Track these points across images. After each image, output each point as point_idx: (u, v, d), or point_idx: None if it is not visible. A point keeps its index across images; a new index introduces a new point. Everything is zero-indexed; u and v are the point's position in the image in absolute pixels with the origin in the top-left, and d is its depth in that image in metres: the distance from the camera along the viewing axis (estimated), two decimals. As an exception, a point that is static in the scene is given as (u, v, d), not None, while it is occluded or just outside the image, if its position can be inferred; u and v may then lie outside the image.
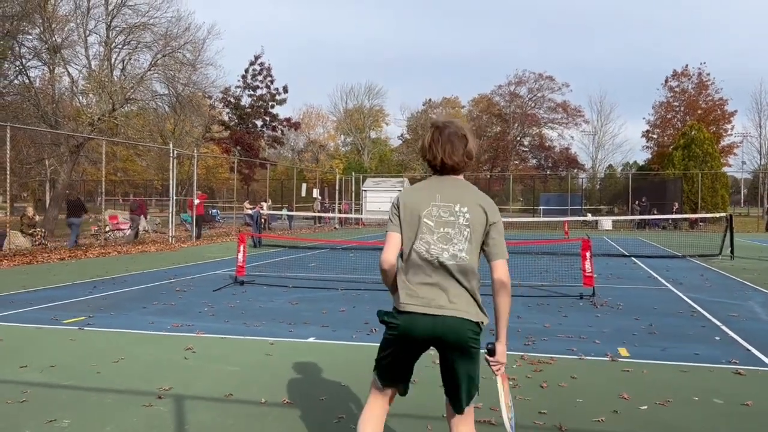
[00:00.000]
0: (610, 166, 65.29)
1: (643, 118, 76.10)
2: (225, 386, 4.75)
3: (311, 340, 6.42)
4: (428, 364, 5.48)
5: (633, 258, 15.88)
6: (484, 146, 66.97)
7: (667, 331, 6.89)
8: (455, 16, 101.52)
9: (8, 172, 14.25)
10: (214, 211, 33.14)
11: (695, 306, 8.56)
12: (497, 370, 2.78)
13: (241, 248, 10.57)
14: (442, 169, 2.73)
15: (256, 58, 39.81)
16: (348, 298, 9.22)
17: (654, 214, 30.94)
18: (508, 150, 65.06)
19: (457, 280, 2.67)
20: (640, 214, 32.26)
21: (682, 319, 7.62)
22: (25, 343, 6.18)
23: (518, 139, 67.12)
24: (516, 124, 65.75)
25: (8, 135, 13.96)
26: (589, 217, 33.38)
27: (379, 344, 2.83)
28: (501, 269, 2.70)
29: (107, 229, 21.21)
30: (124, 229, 22.17)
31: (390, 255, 2.70)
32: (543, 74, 63.43)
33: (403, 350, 2.72)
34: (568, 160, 64.50)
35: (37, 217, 18.53)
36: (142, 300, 8.86)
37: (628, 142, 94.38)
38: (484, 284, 2.73)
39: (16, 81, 24.54)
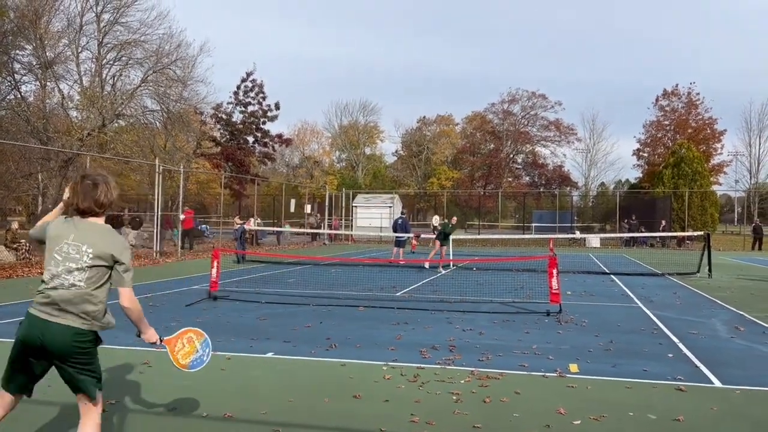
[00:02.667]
0: (602, 183, 65.64)
1: (634, 137, 76.56)
2: (172, 400, 4.83)
3: (269, 355, 6.50)
4: (378, 378, 5.58)
5: (612, 275, 16.00)
6: (478, 163, 67.36)
7: (624, 348, 6.99)
8: (450, 35, 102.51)
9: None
10: (203, 226, 33.19)
11: (659, 323, 8.67)
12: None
13: (215, 264, 10.65)
14: (81, 212, 3.22)
15: (248, 74, 40.14)
16: (318, 313, 9.30)
17: (642, 232, 31.09)
18: (501, 167, 65.37)
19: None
20: (629, 231, 32.41)
21: (642, 336, 7.73)
22: (-15, 356, 6.24)
23: (511, 156, 67.48)
24: (509, 142, 66.14)
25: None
26: (578, 234, 33.50)
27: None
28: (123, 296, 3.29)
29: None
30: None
31: None
32: (536, 92, 64.01)
33: None
34: (561, 177, 64.82)
35: (20, 231, 18.57)
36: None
37: (621, 160, 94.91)
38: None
39: (10, 96, 24.81)
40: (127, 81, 27.62)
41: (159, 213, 20.14)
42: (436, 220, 17.19)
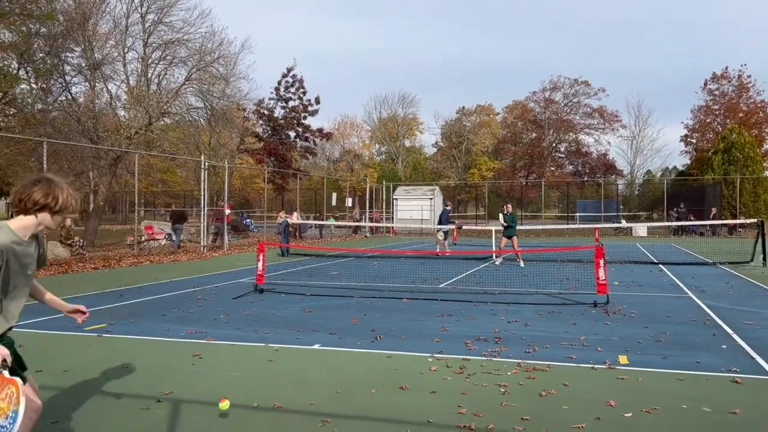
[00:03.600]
0: (649, 171, 64.03)
1: (681, 123, 74.35)
2: (222, 391, 4.94)
3: (316, 347, 6.58)
4: (423, 370, 5.59)
5: (660, 265, 15.62)
6: (519, 153, 66.57)
7: (675, 339, 6.83)
8: (488, 24, 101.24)
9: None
10: (248, 220, 33.73)
11: (711, 314, 8.44)
12: None
13: (261, 257, 10.82)
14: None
15: (289, 70, 40.53)
16: (362, 306, 9.37)
17: (691, 220, 30.24)
18: (543, 156, 64.47)
19: None
20: (677, 220, 31.55)
21: (693, 327, 7.53)
22: (46, 349, 6.50)
23: (554, 145, 66.45)
24: (551, 131, 65.13)
25: (45, 149, 14.59)
26: (623, 223, 32.78)
27: None
28: None
29: (142, 238, 21.86)
30: (159, 239, 22.82)
31: None
32: (578, 80, 62.81)
33: None
34: (605, 166, 63.51)
35: (74, 228, 19.22)
36: (162, 308, 9.18)
37: (668, 147, 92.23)
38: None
39: (61, 98, 25.67)
40: (171, 80, 28.25)
41: (205, 208, 20.55)
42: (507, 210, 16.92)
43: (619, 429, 4.09)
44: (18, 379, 2.85)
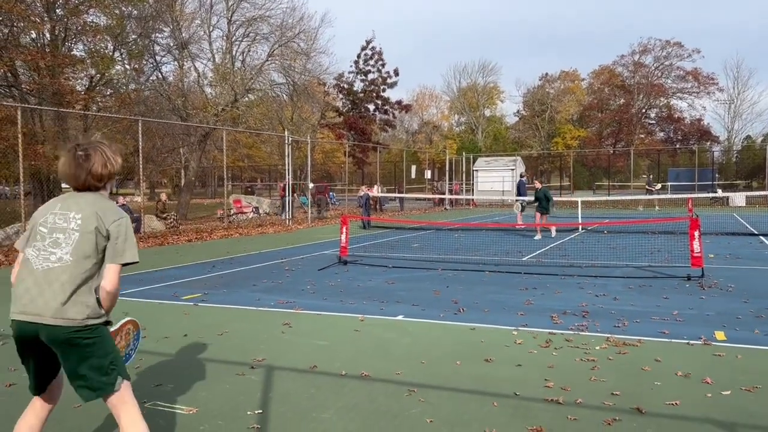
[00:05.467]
0: (748, 137, 59.88)
1: (790, 83, 68.72)
2: (312, 359, 5.12)
3: (399, 317, 6.67)
4: (509, 343, 5.57)
5: (761, 237, 14.71)
6: (606, 120, 63.93)
7: (778, 316, 6.45)
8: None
9: (141, 161, 15.66)
10: (330, 193, 34.35)
11: (819, 289, 7.90)
12: None
13: (344, 230, 11.02)
14: (76, 189, 2.82)
15: (368, 42, 40.56)
16: (444, 278, 9.39)
17: (797, 188, 28.13)
18: (632, 123, 61.59)
19: (61, 283, 2.65)
20: (781, 188, 29.48)
21: (799, 303, 7.08)
22: (147, 316, 6.91)
23: (644, 111, 63.28)
24: (641, 96, 61.99)
25: (140, 127, 15.36)
26: (719, 193, 30.98)
27: None
28: (108, 273, 2.71)
29: (231, 212, 22.73)
30: (246, 212, 23.68)
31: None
32: (670, 41, 59.23)
33: (24, 356, 2.77)
34: (699, 132, 59.95)
35: (168, 203, 20.23)
36: (253, 278, 9.56)
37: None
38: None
39: (152, 77, 26.91)
40: (255, 56, 28.96)
41: (290, 182, 21.06)
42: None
43: (717, 407, 3.94)
44: (128, 318, 3.12)
